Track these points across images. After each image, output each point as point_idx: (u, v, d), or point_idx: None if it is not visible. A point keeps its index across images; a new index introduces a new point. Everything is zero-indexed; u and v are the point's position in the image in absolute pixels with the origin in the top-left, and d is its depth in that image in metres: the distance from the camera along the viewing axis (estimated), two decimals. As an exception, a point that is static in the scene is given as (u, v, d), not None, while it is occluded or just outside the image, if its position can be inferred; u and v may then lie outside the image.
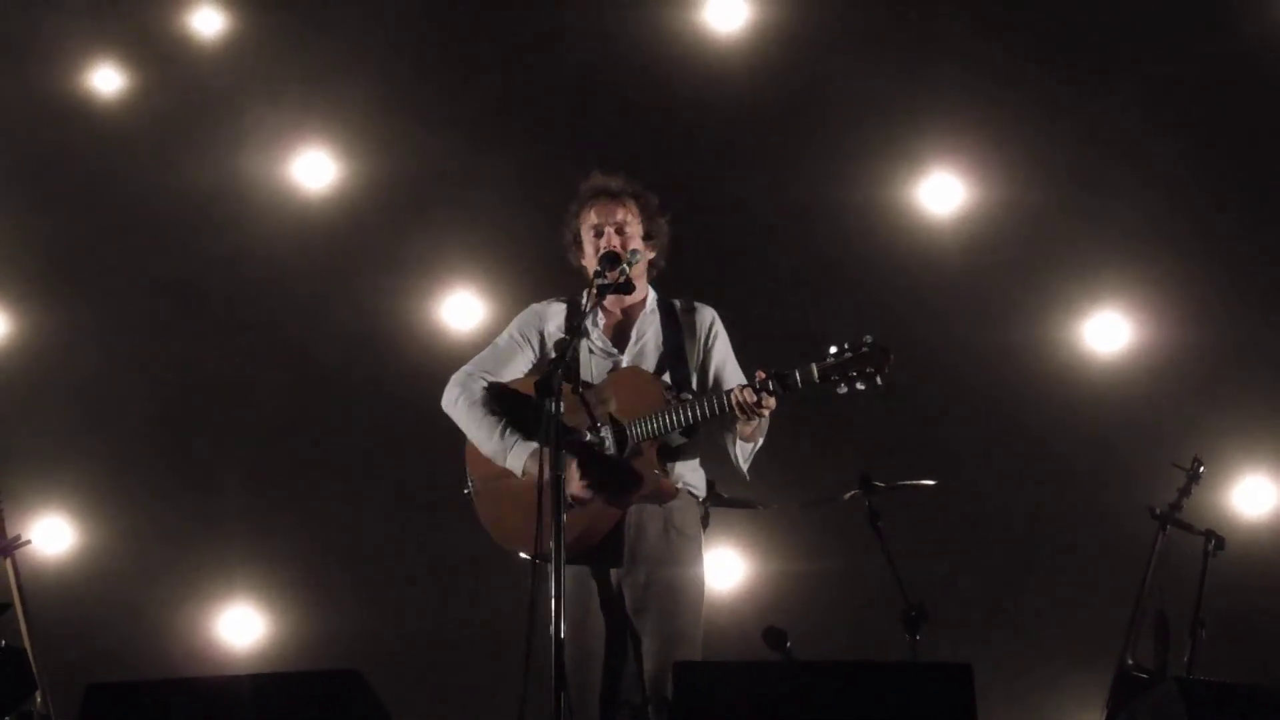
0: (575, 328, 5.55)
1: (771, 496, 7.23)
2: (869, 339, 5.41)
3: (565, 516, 5.48)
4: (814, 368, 5.41)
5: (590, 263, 5.97)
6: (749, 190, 8.48)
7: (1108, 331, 8.23)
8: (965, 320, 8.18)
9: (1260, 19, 8.32)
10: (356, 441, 8.66)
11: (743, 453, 5.86)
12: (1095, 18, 8.45)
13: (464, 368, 6.13)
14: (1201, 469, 7.42)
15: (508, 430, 5.87)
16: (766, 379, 5.47)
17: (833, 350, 5.40)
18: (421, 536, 8.42)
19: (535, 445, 5.73)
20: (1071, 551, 7.94)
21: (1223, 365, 7.97)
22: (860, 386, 5.39)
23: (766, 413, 5.56)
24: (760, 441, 5.85)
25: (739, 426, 5.69)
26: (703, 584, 5.87)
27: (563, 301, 6.10)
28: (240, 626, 8.67)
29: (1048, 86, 8.35)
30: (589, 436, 5.72)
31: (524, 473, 5.77)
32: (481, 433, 5.94)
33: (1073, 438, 8.06)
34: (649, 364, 5.92)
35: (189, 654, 8.53)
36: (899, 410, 8.08)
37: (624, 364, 5.93)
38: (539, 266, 8.02)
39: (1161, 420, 7.94)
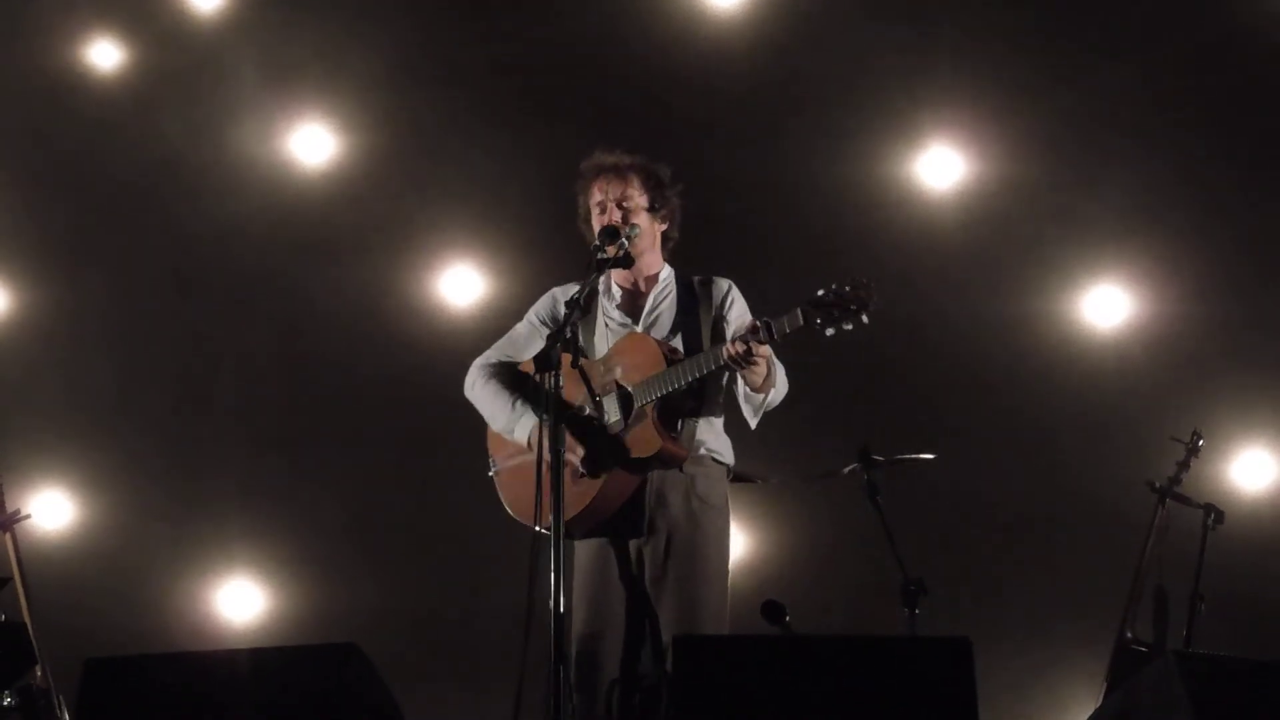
0: (574, 302, 5.55)
1: (770, 470, 7.21)
2: (853, 278, 5.41)
3: (577, 486, 5.54)
4: (799, 311, 5.41)
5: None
6: (745, 165, 8.46)
7: (1107, 305, 8.21)
8: (964, 294, 8.18)
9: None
10: (355, 416, 8.66)
11: (752, 404, 5.83)
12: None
13: (484, 354, 6.18)
14: (1201, 443, 7.42)
15: (517, 404, 5.93)
16: (755, 327, 5.47)
17: (819, 292, 5.40)
18: (421, 509, 8.43)
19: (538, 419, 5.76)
20: (1070, 525, 7.93)
21: (1222, 339, 7.96)
22: (847, 326, 5.37)
23: (762, 361, 5.55)
24: (774, 395, 5.80)
25: (746, 377, 5.66)
26: (727, 555, 5.90)
27: (577, 283, 6.10)
28: (239, 601, 8.68)
29: (1048, 59, 8.33)
30: (588, 410, 5.72)
31: (528, 444, 5.79)
32: (494, 409, 6.00)
33: (1072, 411, 8.05)
34: (662, 333, 5.93)
35: (188, 628, 8.54)
36: (898, 384, 8.10)
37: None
38: (538, 240, 8.04)
39: (1161, 394, 7.93)
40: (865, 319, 5.37)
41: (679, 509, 5.76)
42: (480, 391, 6.08)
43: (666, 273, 6.12)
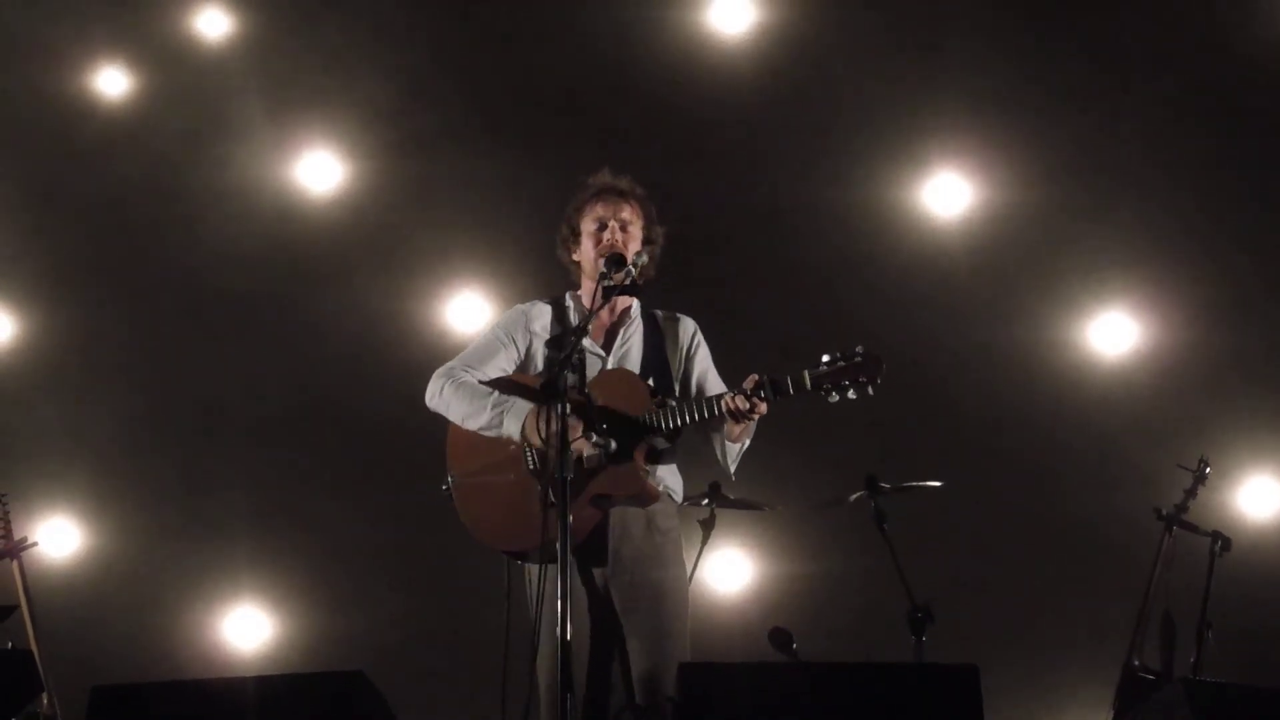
0: (581, 329, 5.53)
1: (777, 498, 7.22)
2: (860, 349, 5.40)
3: (545, 513, 5.47)
4: (806, 375, 5.41)
5: (585, 258, 6.00)
6: (754, 191, 8.47)
7: (1114, 332, 8.22)
8: (971, 321, 8.18)
9: (1268, 23, 8.31)
10: (362, 443, 8.66)
11: (730, 454, 5.87)
12: (1103, 20, 8.44)
13: (446, 364, 6.10)
14: (1208, 470, 7.42)
15: (500, 397, 5.82)
16: (759, 385, 5.47)
17: (825, 359, 5.40)
18: (427, 538, 8.41)
19: (531, 405, 5.71)
20: (1077, 552, 7.92)
21: (1229, 366, 7.97)
22: (852, 395, 5.39)
23: (757, 417, 5.57)
24: (747, 442, 5.85)
25: (727, 428, 5.70)
26: (687, 583, 5.93)
27: (547, 302, 6.12)
28: (246, 628, 8.68)
29: (1054, 88, 8.35)
30: (593, 438, 5.67)
31: (521, 435, 5.75)
32: (472, 407, 5.88)
33: (1079, 439, 8.05)
34: (633, 366, 5.93)
35: (195, 655, 8.53)
36: (905, 412, 8.08)
37: (610, 366, 5.94)
38: (546, 267, 8.01)
39: (1167, 421, 7.93)
40: (871, 392, 5.38)
41: (642, 542, 5.76)
42: (450, 394, 5.96)
43: (636, 306, 6.11)
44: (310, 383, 8.79)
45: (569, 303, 6.10)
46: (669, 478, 5.91)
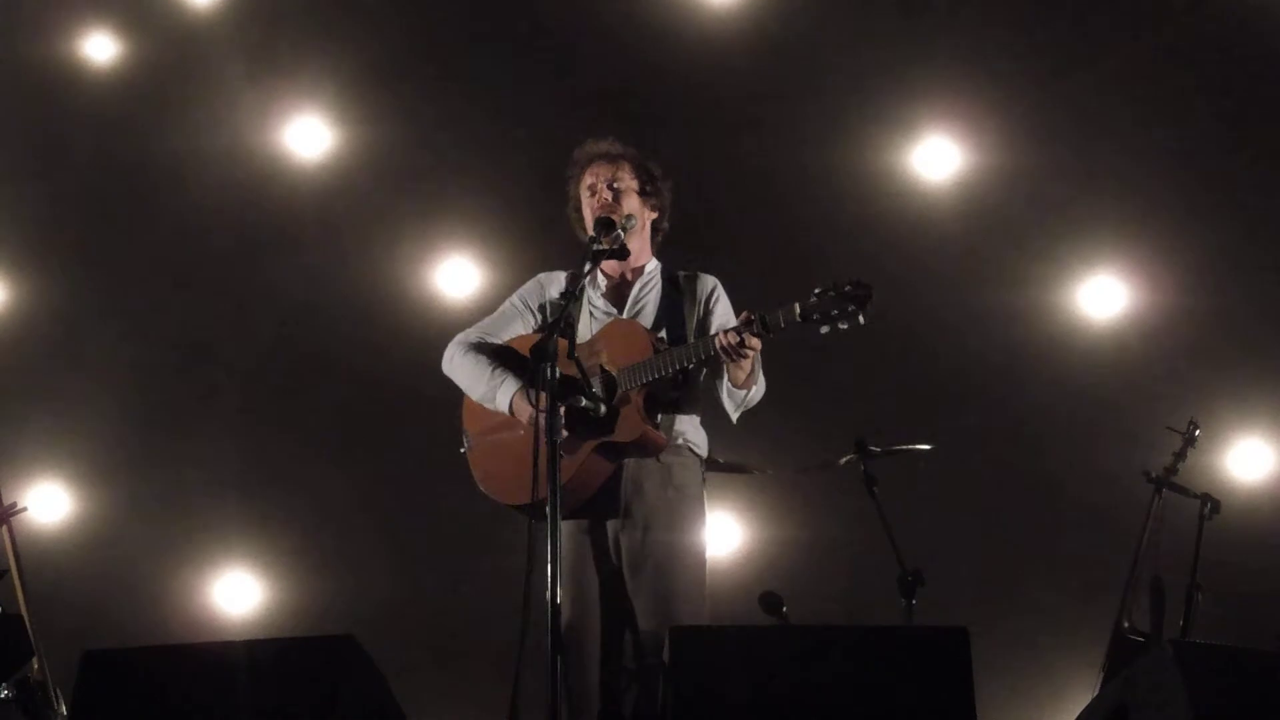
0: (570, 292, 5.52)
1: (767, 462, 7.22)
2: (850, 279, 5.39)
3: (536, 476, 5.46)
4: (796, 307, 5.37)
5: (589, 228, 5.96)
6: (740, 156, 8.46)
7: (1103, 296, 8.21)
8: (960, 285, 8.17)
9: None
10: (351, 408, 8.66)
11: (734, 399, 5.79)
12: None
13: (464, 331, 6.16)
14: (1197, 432, 7.43)
15: (497, 371, 5.89)
16: (749, 320, 5.45)
17: (816, 290, 5.38)
18: (417, 501, 8.42)
19: (520, 383, 5.78)
20: (1067, 515, 7.93)
21: (1219, 329, 7.96)
22: (843, 325, 5.34)
23: (751, 354, 5.54)
24: (755, 391, 5.77)
25: (730, 371, 5.64)
26: (704, 544, 5.84)
27: (566, 272, 6.08)
28: (236, 593, 8.68)
29: (1044, 49, 8.33)
30: (584, 402, 5.67)
31: (511, 410, 5.78)
32: (473, 378, 5.97)
33: (1068, 402, 8.05)
34: (646, 325, 5.91)
35: (185, 620, 8.54)
36: (894, 376, 8.09)
37: None
38: (534, 231, 8.03)
39: (1157, 384, 7.93)
40: (862, 320, 5.35)
41: (656, 497, 5.74)
42: (459, 363, 6.04)
43: (653, 265, 6.11)
44: (301, 348, 8.79)
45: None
46: (689, 431, 5.88)
